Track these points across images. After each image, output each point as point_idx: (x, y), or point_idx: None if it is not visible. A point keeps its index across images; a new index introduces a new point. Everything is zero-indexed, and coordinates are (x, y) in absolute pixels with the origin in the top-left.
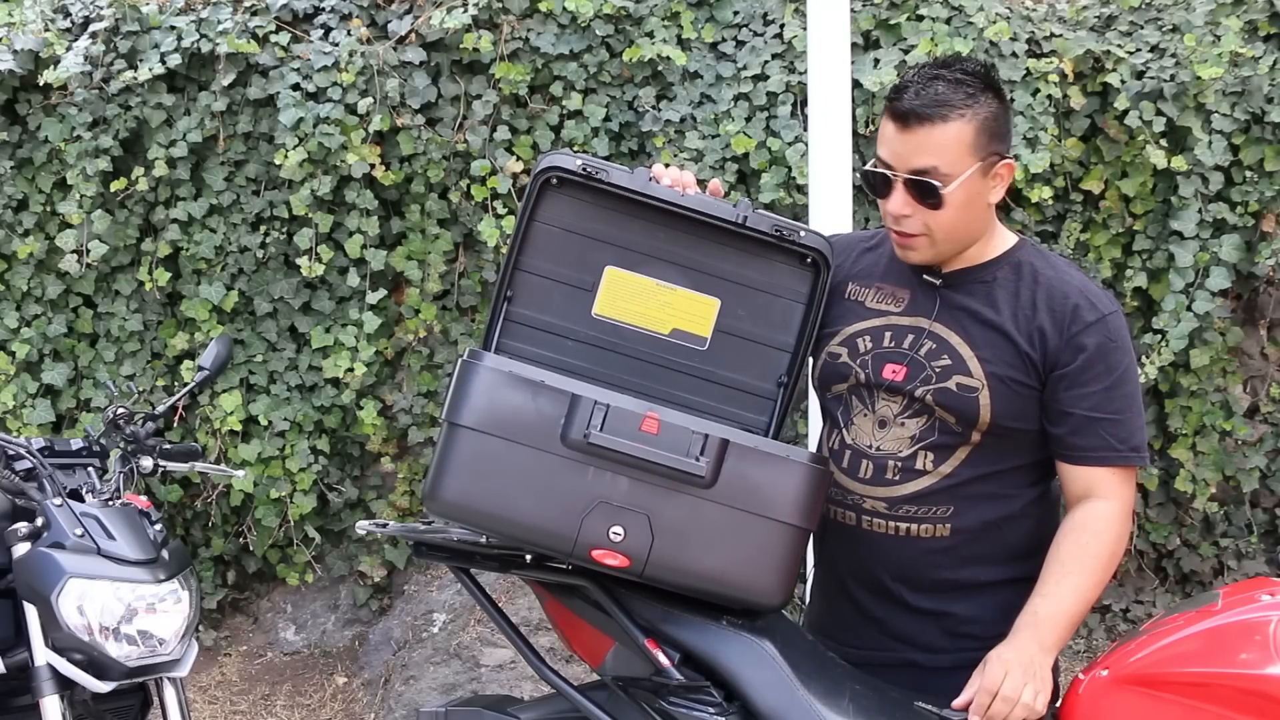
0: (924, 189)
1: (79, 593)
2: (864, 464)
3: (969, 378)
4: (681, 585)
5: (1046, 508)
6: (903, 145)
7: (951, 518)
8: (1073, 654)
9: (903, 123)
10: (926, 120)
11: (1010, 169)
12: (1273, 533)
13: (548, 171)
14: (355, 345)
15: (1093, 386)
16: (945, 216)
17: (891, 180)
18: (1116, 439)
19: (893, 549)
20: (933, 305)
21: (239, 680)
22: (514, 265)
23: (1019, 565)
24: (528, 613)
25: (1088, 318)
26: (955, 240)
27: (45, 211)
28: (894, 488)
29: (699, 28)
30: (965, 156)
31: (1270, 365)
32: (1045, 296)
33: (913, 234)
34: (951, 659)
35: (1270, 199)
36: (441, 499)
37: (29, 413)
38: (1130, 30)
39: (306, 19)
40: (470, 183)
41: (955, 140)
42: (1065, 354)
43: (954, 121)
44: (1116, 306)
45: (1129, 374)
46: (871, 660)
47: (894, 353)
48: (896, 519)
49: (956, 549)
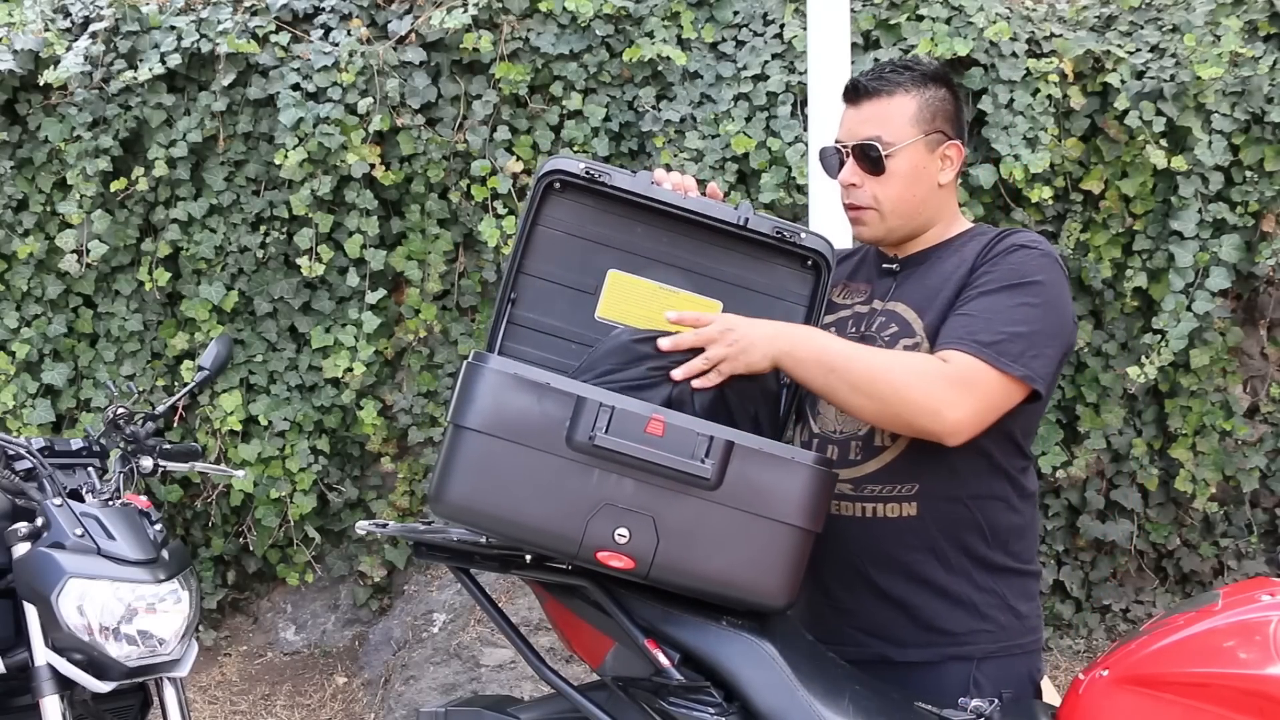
0: (868, 155)
1: (79, 593)
2: (830, 449)
3: (913, 338)
4: (687, 587)
5: (1021, 496)
6: (851, 120)
7: (917, 495)
8: (1073, 654)
9: (852, 99)
10: (872, 94)
11: (959, 151)
12: (1273, 533)
13: (551, 175)
14: (355, 345)
15: (971, 292)
16: (891, 188)
17: (840, 153)
18: (958, 333)
19: (862, 532)
20: (889, 288)
21: (239, 680)
22: (517, 268)
23: (992, 551)
24: (528, 613)
25: (1001, 246)
26: (903, 215)
27: (45, 211)
28: (858, 468)
29: (699, 28)
30: (907, 127)
31: (1270, 365)
32: (978, 244)
33: (862, 206)
34: (922, 654)
35: (1270, 199)
36: (446, 501)
37: (29, 413)
38: (1130, 30)
39: (306, 19)
40: (470, 183)
41: (898, 111)
42: (970, 275)
43: (897, 96)
44: (1047, 248)
45: (1017, 293)
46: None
47: (855, 337)
48: (863, 499)
49: (925, 528)
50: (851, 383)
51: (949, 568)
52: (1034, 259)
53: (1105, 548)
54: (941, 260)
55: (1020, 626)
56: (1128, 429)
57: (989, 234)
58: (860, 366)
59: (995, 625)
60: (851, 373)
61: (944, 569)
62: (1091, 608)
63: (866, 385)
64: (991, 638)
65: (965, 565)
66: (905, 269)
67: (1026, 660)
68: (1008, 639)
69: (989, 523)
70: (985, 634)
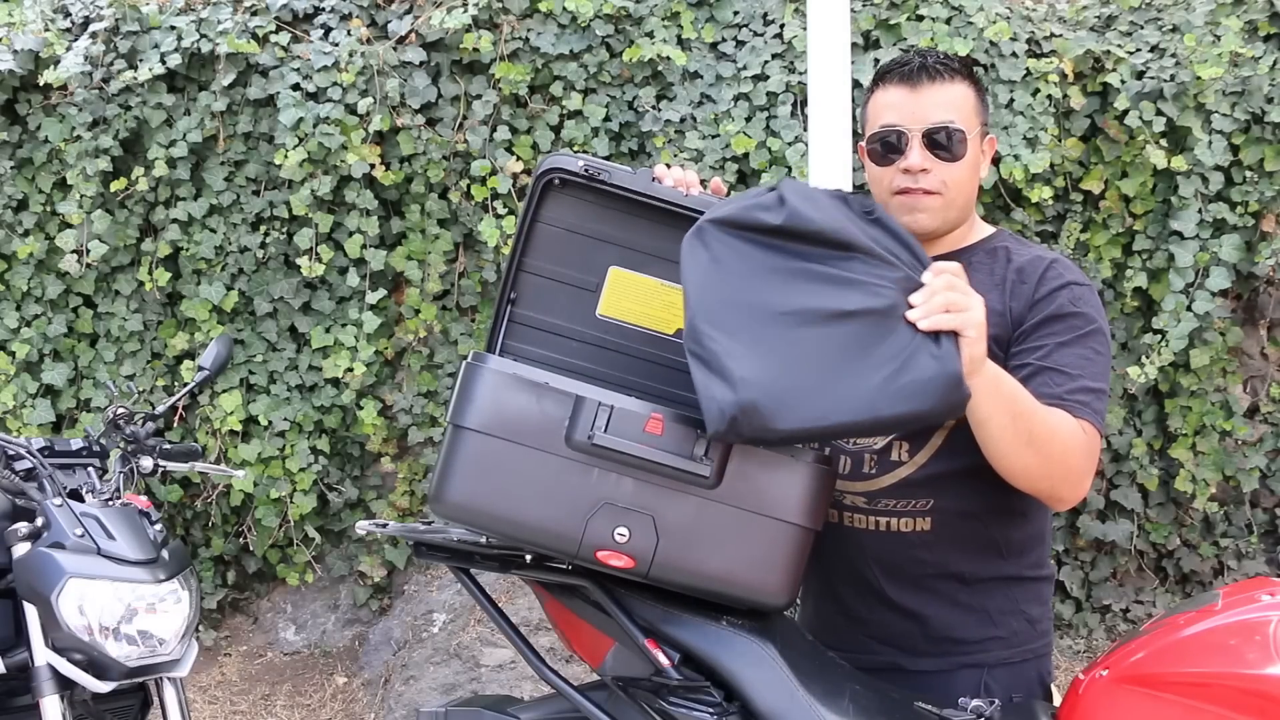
0: (948, 137)
1: (79, 593)
2: (842, 459)
3: None
4: (687, 586)
5: (1035, 505)
6: (916, 103)
7: (931, 510)
8: (1073, 654)
9: (912, 83)
10: (938, 77)
11: (993, 144)
12: (1273, 533)
13: (550, 173)
14: (355, 345)
15: (1047, 341)
16: (961, 174)
17: (908, 135)
18: (1064, 388)
19: (875, 544)
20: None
21: (239, 680)
22: (517, 266)
23: (1005, 563)
24: (528, 613)
25: (1054, 283)
26: (961, 205)
27: (45, 211)
28: (871, 481)
29: (699, 28)
30: (971, 116)
31: (1270, 365)
32: (1016, 273)
33: (930, 190)
34: (934, 663)
35: (1270, 199)
36: (446, 501)
37: (29, 413)
38: (1130, 30)
39: (306, 19)
40: (470, 183)
41: (963, 98)
42: (1029, 315)
43: (959, 83)
44: (1088, 282)
45: (1090, 341)
46: (855, 664)
47: None
48: (877, 513)
49: (939, 542)
50: (1032, 433)
51: (962, 580)
52: (1090, 298)
53: (1105, 548)
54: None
55: (1032, 632)
56: (1128, 429)
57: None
58: (1043, 419)
59: (1008, 632)
60: (1035, 422)
61: (957, 581)
62: (1091, 608)
63: (1044, 441)
64: (1004, 644)
65: (979, 577)
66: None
67: (1037, 664)
68: (1019, 644)
69: (1003, 537)
70: (998, 641)
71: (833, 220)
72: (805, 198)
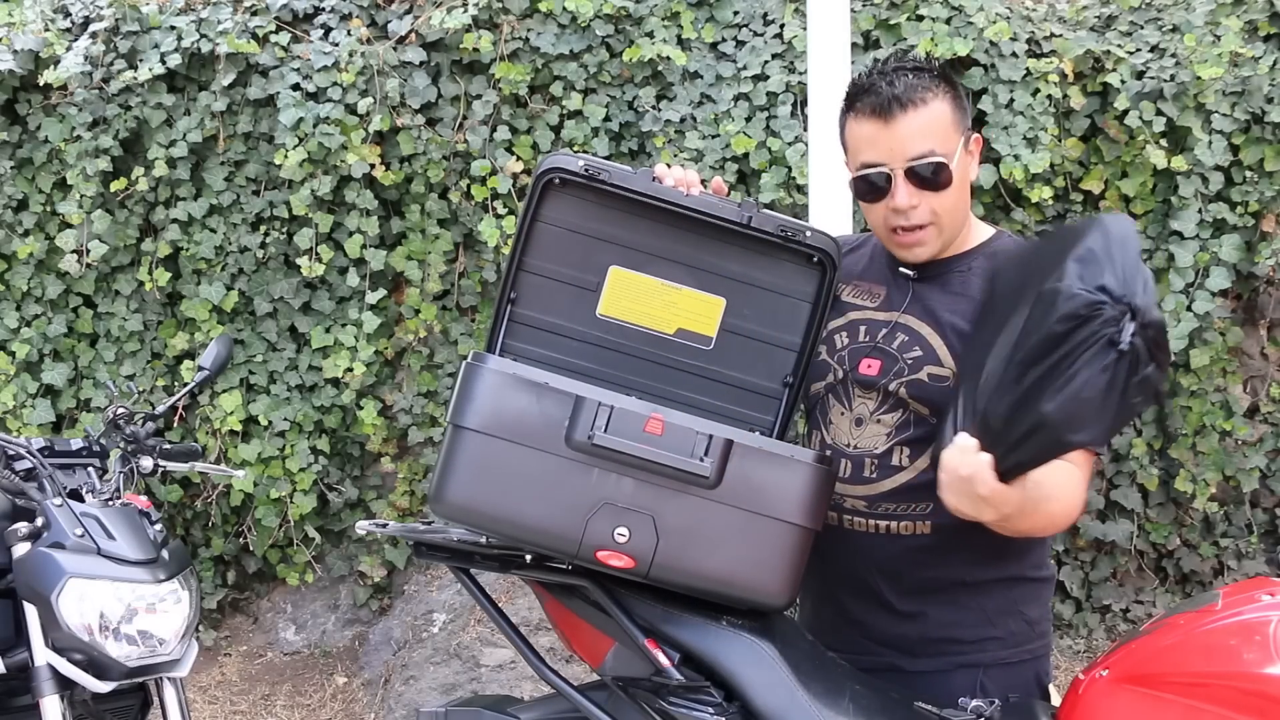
0: (932, 171)
1: (79, 593)
2: (842, 463)
3: (940, 367)
4: (687, 586)
5: None
6: (892, 138)
7: (931, 514)
8: (1073, 654)
9: (884, 117)
10: (910, 106)
11: (979, 143)
12: (1273, 533)
13: (550, 172)
14: (355, 345)
15: None
16: (950, 200)
17: (891, 175)
18: None
19: (874, 547)
20: (905, 298)
21: (239, 680)
22: (517, 266)
23: (1004, 565)
24: (528, 613)
25: None
26: (956, 224)
27: (45, 211)
28: (872, 485)
29: (699, 28)
30: (952, 133)
31: (1270, 365)
32: None
33: (922, 225)
34: (933, 663)
35: (1270, 199)
36: (446, 501)
37: (29, 413)
38: (1130, 30)
39: (306, 19)
40: (470, 183)
41: (939, 117)
42: None
43: (934, 102)
44: None
45: None
46: (854, 665)
47: (868, 347)
48: (876, 517)
49: (939, 546)
50: (1051, 516)
51: (962, 582)
52: None
53: (1105, 548)
54: (964, 276)
55: (1030, 632)
56: (1127, 429)
57: None
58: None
59: (1006, 632)
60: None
61: (957, 584)
62: (1091, 608)
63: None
64: (1001, 644)
65: (978, 579)
66: (923, 279)
67: (1035, 665)
68: (1017, 645)
69: (1003, 540)
70: (995, 641)
71: None
72: None
